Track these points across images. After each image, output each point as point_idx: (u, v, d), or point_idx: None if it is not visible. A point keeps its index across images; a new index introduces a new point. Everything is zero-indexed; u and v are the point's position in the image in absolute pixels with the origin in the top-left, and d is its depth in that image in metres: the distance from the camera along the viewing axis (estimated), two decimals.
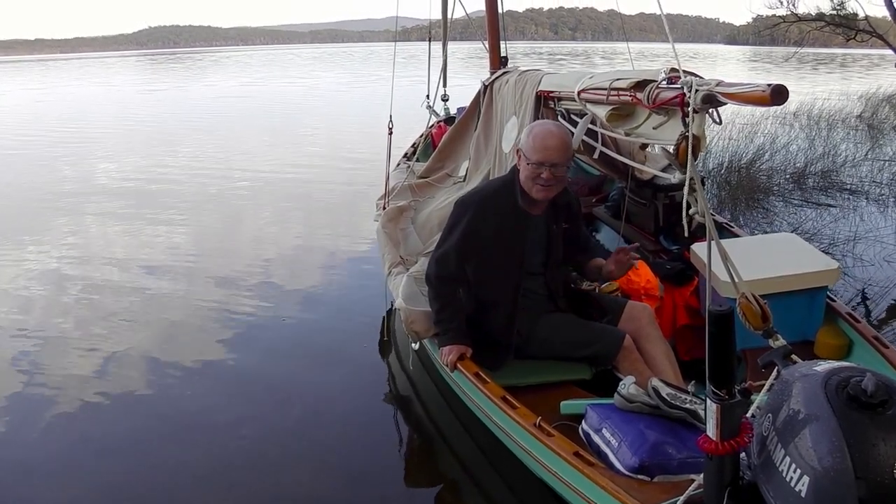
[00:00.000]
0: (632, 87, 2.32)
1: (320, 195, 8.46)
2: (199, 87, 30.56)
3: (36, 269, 5.76)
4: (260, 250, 6.15)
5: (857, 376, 1.28)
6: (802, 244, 3.19)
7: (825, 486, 1.21)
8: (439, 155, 4.74)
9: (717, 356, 1.44)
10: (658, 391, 2.20)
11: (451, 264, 2.75)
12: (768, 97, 1.64)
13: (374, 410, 3.48)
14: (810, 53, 53.86)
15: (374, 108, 13.92)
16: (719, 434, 1.43)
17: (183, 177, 9.76)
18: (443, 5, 6.07)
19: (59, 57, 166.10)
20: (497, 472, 2.89)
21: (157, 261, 5.86)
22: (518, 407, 2.34)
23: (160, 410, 3.48)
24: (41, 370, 3.94)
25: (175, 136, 14.12)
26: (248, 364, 3.99)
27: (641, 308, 2.87)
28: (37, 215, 7.67)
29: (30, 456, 3.11)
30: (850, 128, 11.92)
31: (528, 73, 3.75)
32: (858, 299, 4.62)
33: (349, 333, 4.37)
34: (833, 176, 7.99)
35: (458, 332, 2.78)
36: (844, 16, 16.46)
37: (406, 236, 3.96)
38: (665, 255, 3.77)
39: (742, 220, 6.36)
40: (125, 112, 19.80)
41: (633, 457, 2.01)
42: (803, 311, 2.87)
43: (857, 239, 5.77)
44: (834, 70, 36.40)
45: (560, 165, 2.59)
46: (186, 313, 4.72)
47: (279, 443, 3.16)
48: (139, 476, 2.93)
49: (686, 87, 1.85)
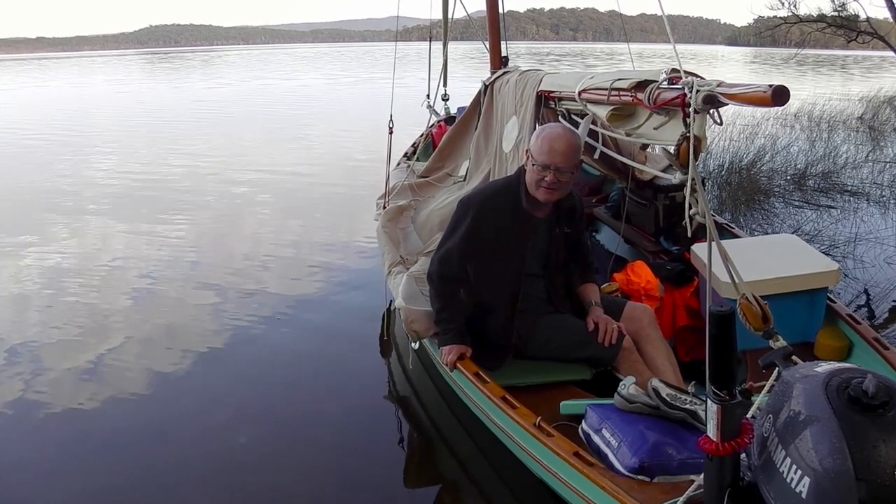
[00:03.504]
0: (633, 87, 2.32)
1: (319, 194, 8.46)
2: (167, 88, 29.92)
3: (35, 269, 5.76)
4: (259, 250, 6.15)
5: (858, 378, 1.28)
6: (803, 245, 3.18)
7: (826, 487, 1.21)
8: (439, 154, 4.74)
9: (717, 357, 1.43)
10: (658, 392, 2.20)
11: (454, 264, 2.75)
12: (769, 98, 1.64)
13: (374, 410, 3.48)
14: (811, 55, 53.86)
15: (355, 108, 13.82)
16: (720, 435, 1.43)
17: (182, 177, 9.76)
18: (444, 5, 6.08)
19: (59, 55, 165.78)
20: (496, 471, 2.89)
21: (156, 261, 5.84)
22: (518, 407, 2.34)
23: (158, 411, 3.47)
24: (40, 371, 3.93)
25: (169, 136, 14.12)
26: (247, 364, 3.98)
27: (641, 309, 2.87)
28: (35, 215, 7.67)
29: (28, 456, 3.10)
30: (851, 129, 11.92)
31: (529, 72, 3.75)
32: (859, 301, 4.62)
33: (349, 333, 4.37)
34: (834, 177, 7.99)
35: (459, 332, 2.78)
36: (846, 17, 16.45)
37: (406, 236, 3.95)
38: (665, 256, 3.77)
39: (742, 221, 6.36)
40: (102, 111, 19.67)
41: (632, 457, 2.00)
42: (804, 312, 2.87)
43: (857, 240, 5.77)
44: (835, 71, 36.39)
45: (565, 170, 2.57)
46: (184, 314, 4.72)
47: (278, 442, 3.16)
48: (137, 477, 2.92)
49: (687, 87, 1.85)
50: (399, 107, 4.94)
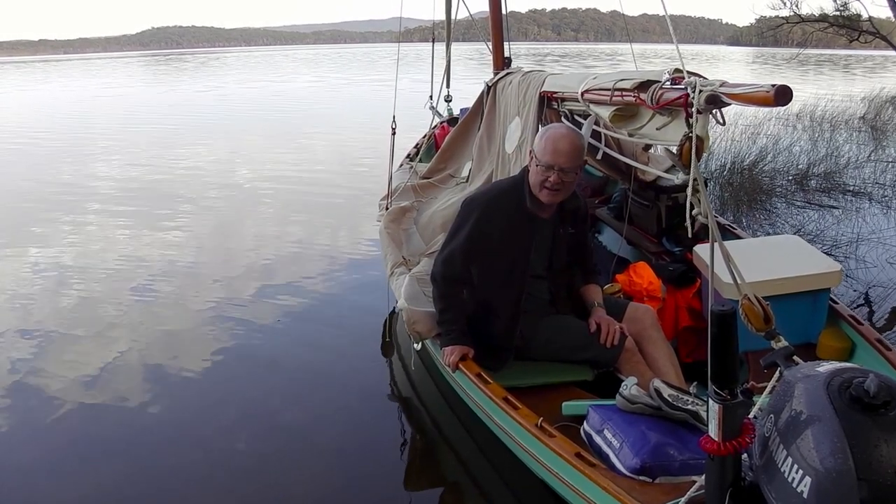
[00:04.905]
0: (635, 87, 2.32)
1: (320, 195, 8.47)
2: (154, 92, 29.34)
3: (35, 270, 5.77)
4: (261, 250, 6.16)
5: (860, 377, 1.28)
6: (805, 246, 3.18)
7: (827, 487, 1.21)
8: (442, 155, 4.74)
9: (719, 356, 1.43)
10: (660, 392, 2.20)
11: (457, 265, 2.75)
12: (772, 98, 1.64)
13: (376, 410, 3.48)
14: (813, 55, 53.75)
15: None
16: (721, 434, 1.43)
17: (181, 177, 9.78)
18: (446, 6, 6.06)
19: (60, 58, 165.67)
20: (498, 472, 2.89)
21: (157, 263, 5.85)
22: (520, 408, 2.34)
23: (160, 413, 3.47)
24: (40, 372, 3.93)
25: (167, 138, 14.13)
26: (249, 365, 3.99)
27: (644, 310, 2.87)
28: (35, 216, 7.69)
29: (28, 459, 3.10)
30: (853, 129, 11.91)
31: (532, 73, 3.75)
32: (861, 301, 4.61)
33: (351, 334, 4.37)
34: (836, 177, 7.98)
35: (461, 332, 2.78)
36: (848, 17, 16.46)
37: (408, 237, 3.96)
38: (667, 257, 3.77)
39: (745, 221, 6.35)
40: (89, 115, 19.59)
41: (634, 458, 2.00)
42: (806, 313, 2.86)
43: (859, 241, 5.76)
44: (837, 71, 36.33)
45: (569, 171, 2.58)
46: (187, 316, 4.72)
47: (281, 443, 3.16)
48: (138, 479, 2.93)
49: (690, 87, 1.85)
50: (399, 107, 4.94)
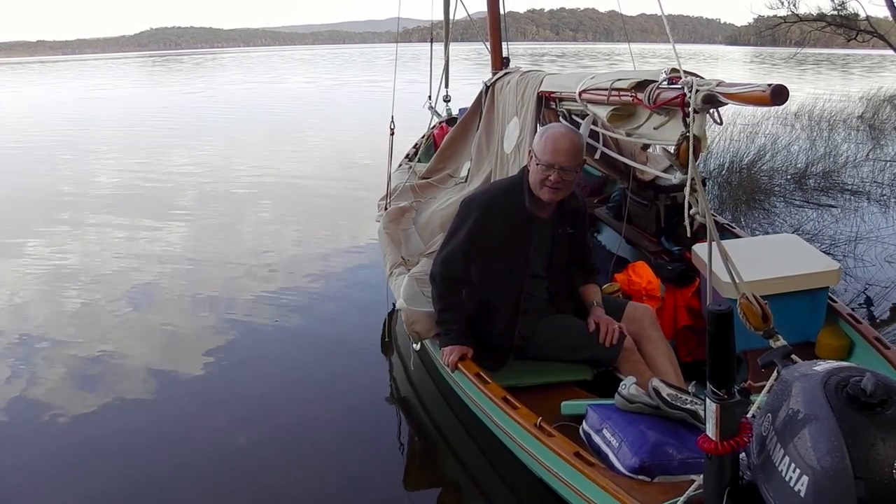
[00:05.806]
0: (633, 87, 2.32)
1: (320, 195, 8.47)
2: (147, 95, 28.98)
3: (32, 271, 5.77)
4: (260, 251, 6.15)
5: (857, 376, 1.28)
6: (803, 245, 3.19)
7: (824, 485, 1.21)
8: (441, 155, 4.74)
9: (716, 355, 1.44)
10: (659, 392, 2.20)
11: (457, 264, 2.75)
12: (768, 97, 1.65)
13: (375, 410, 3.48)
14: (811, 54, 53.81)
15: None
16: (719, 434, 1.43)
17: (181, 178, 9.77)
18: (445, 6, 6.07)
19: (58, 58, 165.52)
20: (497, 472, 2.90)
21: (155, 264, 5.84)
22: (519, 407, 2.34)
23: (159, 414, 3.47)
24: (40, 372, 3.93)
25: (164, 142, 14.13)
26: (248, 365, 3.99)
27: (643, 309, 2.87)
28: (33, 216, 7.69)
29: (28, 459, 3.10)
30: (852, 128, 11.92)
31: (530, 73, 3.75)
32: (860, 300, 4.62)
33: (351, 334, 4.38)
34: (834, 176, 7.99)
35: (461, 332, 2.78)
36: (845, 16, 16.48)
37: (407, 237, 3.96)
38: (666, 257, 3.77)
39: (743, 220, 6.36)
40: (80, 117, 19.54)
41: (633, 457, 2.01)
42: (804, 311, 2.87)
43: (858, 239, 5.77)
44: (835, 70, 36.36)
45: (569, 170, 2.58)
46: (186, 316, 4.72)
47: (280, 443, 3.17)
48: (138, 479, 2.92)
49: (687, 87, 1.85)
50: (398, 107, 4.95)
